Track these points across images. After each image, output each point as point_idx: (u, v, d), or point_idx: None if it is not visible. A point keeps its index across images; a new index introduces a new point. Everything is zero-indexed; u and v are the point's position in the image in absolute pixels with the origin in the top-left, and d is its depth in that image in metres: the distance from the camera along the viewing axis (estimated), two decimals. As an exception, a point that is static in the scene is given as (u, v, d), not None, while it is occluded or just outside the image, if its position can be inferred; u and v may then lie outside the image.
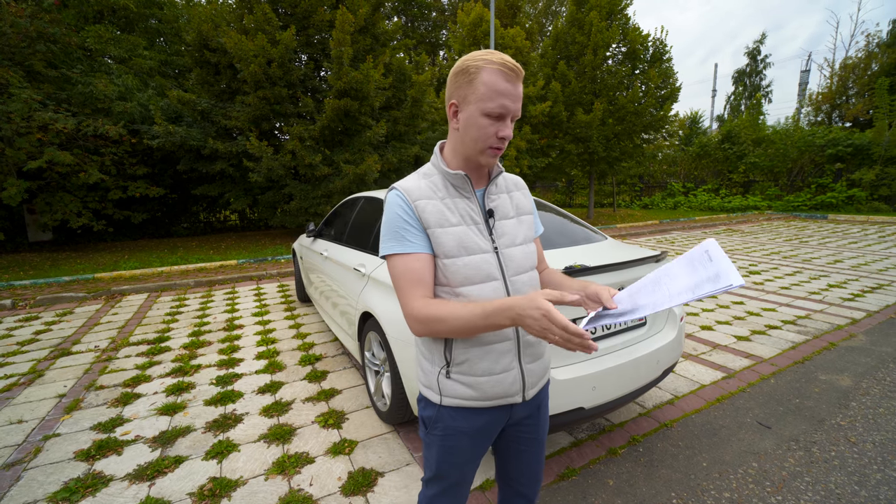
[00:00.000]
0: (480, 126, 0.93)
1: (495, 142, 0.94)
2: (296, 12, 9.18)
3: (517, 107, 0.93)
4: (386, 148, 9.85)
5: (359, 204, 3.33)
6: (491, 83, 0.89)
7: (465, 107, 0.95)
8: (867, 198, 14.55)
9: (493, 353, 1.00)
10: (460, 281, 0.97)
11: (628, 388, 1.96)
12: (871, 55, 21.85)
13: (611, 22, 12.31)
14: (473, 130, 0.94)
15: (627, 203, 19.82)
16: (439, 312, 0.90)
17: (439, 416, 1.04)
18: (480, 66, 0.90)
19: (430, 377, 1.05)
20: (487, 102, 0.90)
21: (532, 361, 1.06)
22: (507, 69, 0.89)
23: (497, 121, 0.92)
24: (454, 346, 1.00)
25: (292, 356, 3.51)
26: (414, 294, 0.94)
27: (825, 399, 2.68)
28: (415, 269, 0.95)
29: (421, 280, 0.95)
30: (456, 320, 0.88)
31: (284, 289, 5.91)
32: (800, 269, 6.34)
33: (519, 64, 0.94)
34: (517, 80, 0.91)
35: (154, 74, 11.30)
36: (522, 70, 0.93)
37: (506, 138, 0.93)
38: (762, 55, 33.69)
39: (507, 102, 0.90)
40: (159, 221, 12.06)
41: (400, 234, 0.96)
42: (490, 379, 1.00)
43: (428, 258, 0.96)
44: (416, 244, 0.96)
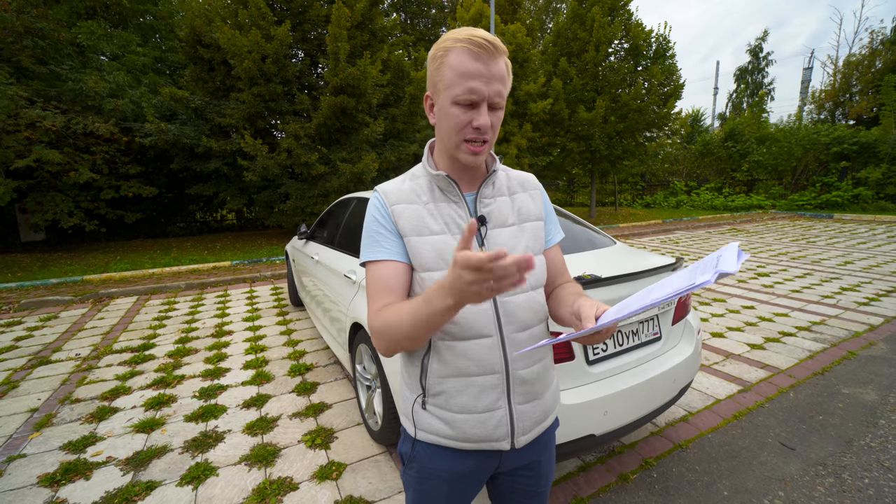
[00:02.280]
0: (451, 117, 0.78)
1: (470, 133, 0.77)
2: (291, 7, 8.98)
3: (494, 89, 0.75)
4: (384, 146, 9.65)
5: (351, 205, 3.15)
6: (456, 65, 0.75)
7: (436, 97, 0.81)
8: (873, 197, 14.34)
9: (473, 388, 0.83)
10: None
11: (643, 411, 1.78)
12: (876, 52, 21.60)
13: (613, 18, 12.09)
14: (445, 123, 0.80)
15: (629, 202, 19.62)
16: (387, 318, 0.75)
17: (415, 454, 0.91)
18: (447, 47, 0.76)
19: (407, 405, 0.92)
20: (454, 88, 0.76)
21: (526, 401, 0.88)
22: (473, 45, 0.73)
23: (469, 109, 0.76)
24: (429, 374, 0.85)
25: (282, 366, 3.33)
26: (376, 303, 0.81)
27: (851, 416, 2.50)
28: (382, 277, 0.83)
29: (388, 289, 0.82)
30: (401, 321, 0.71)
31: (278, 292, 5.73)
32: (809, 271, 6.15)
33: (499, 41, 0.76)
34: (489, 56, 0.74)
35: (147, 71, 11.08)
36: (500, 45, 0.75)
37: (482, 128, 0.76)
38: (764, 52, 33.42)
39: (475, 85, 0.74)
40: (155, 221, 11.86)
41: (374, 240, 0.86)
42: (469, 418, 0.84)
43: (400, 267, 0.83)
44: (388, 250, 0.84)
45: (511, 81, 0.81)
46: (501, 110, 0.79)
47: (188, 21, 8.91)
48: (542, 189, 1.00)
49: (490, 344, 0.83)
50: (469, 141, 0.78)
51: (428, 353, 0.85)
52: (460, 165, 0.86)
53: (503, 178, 0.94)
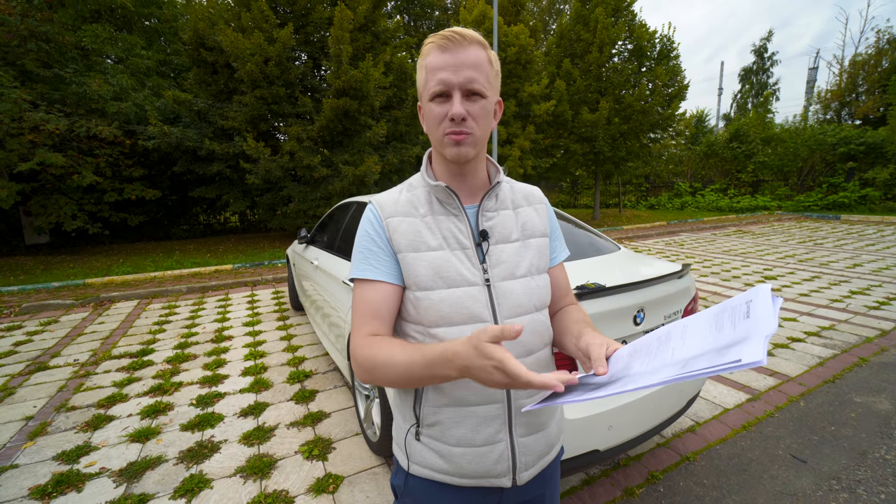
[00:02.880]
0: (429, 113, 0.76)
1: (448, 125, 0.73)
2: (294, 10, 8.98)
3: (463, 76, 0.71)
4: (387, 148, 9.62)
5: (350, 210, 3.10)
6: (428, 63, 0.74)
7: (422, 102, 0.78)
8: (881, 197, 14.17)
9: (471, 419, 0.77)
10: (435, 320, 0.76)
11: (649, 425, 1.71)
12: (882, 52, 21.36)
13: (616, 19, 12.02)
14: (428, 123, 0.78)
15: (633, 203, 19.50)
16: (375, 356, 0.71)
17: (408, 489, 0.84)
18: (424, 52, 0.76)
19: (400, 434, 0.86)
20: (429, 85, 0.74)
21: (529, 433, 0.81)
22: (441, 39, 0.72)
23: (444, 101, 0.73)
24: (424, 402, 0.79)
25: (280, 372, 3.28)
26: (361, 329, 0.76)
27: (864, 426, 2.42)
28: (370, 299, 0.78)
29: (374, 314, 0.77)
30: (392, 368, 0.68)
31: (279, 295, 5.69)
32: (818, 274, 6.05)
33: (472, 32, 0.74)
34: (456, 45, 0.71)
35: (152, 74, 11.13)
36: (470, 34, 0.73)
37: (456, 117, 0.72)
38: (769, 53, 33.21)
39: (444, 75, 0.71)
40: (158, 223, 11.89)
41: (364, 256, 0.80)
42: (467, 452, 0.78)
43: (390, 290, 0.78)
44: (379, 270, 0.78)
45: (496, 72, 0.77)
46: (483, 99, 0.74)
47: (192, 24, 8.93)
48: (548, 203, 0.95)
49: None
50: (448, 133, 0.74)
51: None
52: (458, 174, 0.81)
53: (507, 190, 0.88)
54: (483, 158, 0.84)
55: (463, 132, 0.73)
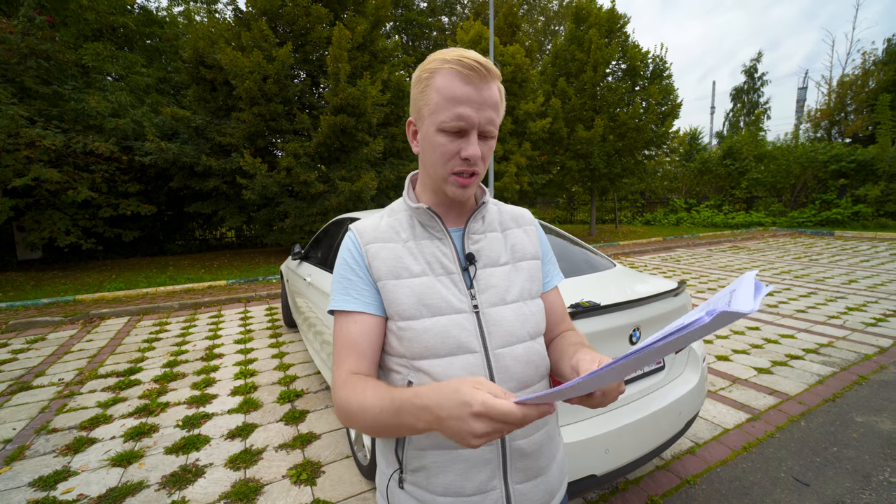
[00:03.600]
0: (436, 146, 0.69)
1: (458, 164, 0.69)
2: (293, 29, 9.15)
3: (485, 116, 0.67)
4: (383, 165, 9.69)
5: (344, 226, 3.08)
6: (444, 88, 0.67)
7: (420, 123, 0.73)
8: (873, 214, 14.31)
9: (460, 463, 0.70)
10: (419, 351, 0.70)
11: (647, 448, 1.66)
12: (869, 72, 21.93)
13: (610, 39, 12.31)
14: (430, 153, 0.72)
15: (629, 219, 19.63)
16: (348, 399, 0.65)
17: None
18: (434, 68, 0.68)
19: (383, 481, 0.78)
20: (441, 114, 0.67)
21: (526, 480, 0.73)
22: (463, 67, 0.65)
23: (457, 137, 0.68)
24: (407, 444, 0.72)
25: (271, 392, 3.20)
26: (341, 366, 0.70)
27: (867, 447, 2.37)
28: (350, 333, 0.72)
29: (355, 351, 0.71)
30: (364, 414, 0.62)
31: (272, 312, 5.62)
32: (814, 290, 6.04)
33: (491, 64, 0.68)
34: (481, 80, 0.66)
35: (151, 91, 11.25)
36: (493, 68, 0.68)
37: (472, 159, 0.68)
38: (759, 73, 34.02)
39: (465, 111, 0.66)
40: (153, 239, 11.84)
41: (343, 287, 0.75)
42: (456, 502, 0.70)
43: (371, 322, 0.72)
44: (359, 301, 0.73)
45: (504, 108, 0.74)
46: (493, 140, 0.71)
47: (192, 43, 9.07)
48: (538, 225, 0.90)
49: None
50: (457, 174, 0.70)
51: None
52: (446, 199, 0.77)
53: (494, 212, 0.84)
54: None
55: (474, 173, 0.70)
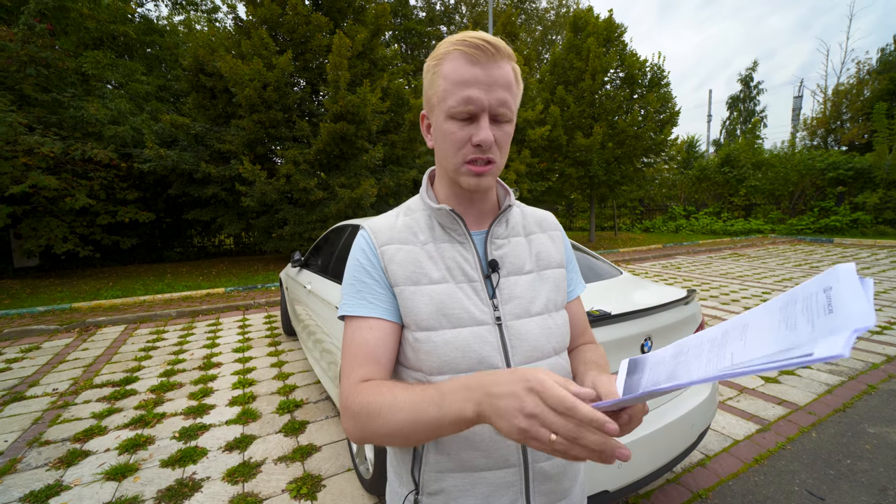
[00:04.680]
0: (447, 134, 0.65)
1: (471, 152, 0.64)
2: (294, 37, 9.19)
3: (496, 97, 0.62)
4: (383, 172, 9.68)
5: (345, 233, 3.04)
6: (450, 73, 0.63)
7: (431, 115, 0.68)
8: (872, 221, 14.36)
9: (482, 486, 0.65)
10: (437, 366, 0.65)
11: (660, 462, 1.61)
12: (863, 82, 22.20)
13: (608, 48, 12.42)
14: (441, 143, 0.67)
15: (629, 226, 19.65)
16: (374, 400, 0.57)
17: None
18: (441, 54, 0.65)
19: (395, 500, 0.73)
20: (448, 99, 0.63)
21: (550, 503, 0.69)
22: (468, 47, 0.61)
23: (467, 123, 0.63)
24: (424, 465, 0.67)
25: (270, 402, 3.14)
26: (353, 374, 0.64)
27: (880, 459, 2.31)
28: (365, 340, 0.66)
29: (370, 358, 0.65)
30: (395, 412, 0.55)
31: (271, 320, 5.55)
32: (817, 298, 6.01)
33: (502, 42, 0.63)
34: (488, 59, 0.61)
35: (151, 99, 11.27)
36: (503, 46, 0.63)
37: (484, 144, 0.62)
38: (755, 82, 34.38)
39: (472, 93, 0.61)
40: (151, 246, 11.77)
41: (356, 290, 0.69)
42: None
43: (388, 328, 0.67)
44: (375, 306, 0.67)
45: (521, 91, 0.68)
46: (509, 124, 0.65)
47: (192, 51, 9.10)
48: (562, 229, 0.85)
49: None
50: (470, 162, 0.65)
51: None
52: (465, 197, 0.72)
53: (518, 215, 0.79)
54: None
55: (489, 161, 0.64)
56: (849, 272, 0.37)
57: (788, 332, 0.39)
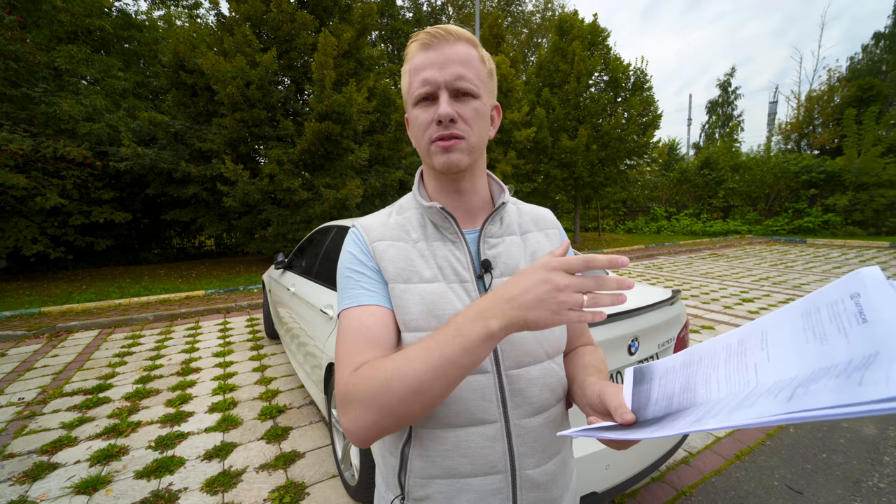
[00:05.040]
0: (414, 120, 0.66)
1: (435, 131, 0.63)
2: (278, 35, 9.04)
3: (450, 72, 0.62)
4: (369, 172, 9.60)
5: (331, 234, 2.99)
6: (410, 65, 0.66)
7: (407, 113, 0.70)
8: (842, 222, 14.90)
9: (467, 493, 0.63)
10: None
11: (647, 461, 1.62)
12: (834, 88, 23.10)
13: (593, 52, 12.59)
14: (413, 130, 0.68)
15: (612, 227, 19.96)
16: (383, 368, 0.53)
17: None
18: (407, 55, 0.68)
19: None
20: (411, 88, 0.65)
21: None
22: (425, 36, 0.64)
23: (430, 105, 0.64)
24: (410, 471, 0.65)
25: (252, 407, 3.06)
26: (352, 361, 0.59)
27: (854, 452, 2.38)
28: (366, 326, 0.62)
29: (372, 342, 0.60)
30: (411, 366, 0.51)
31: (253, 323, 5.43)
32: (792, 297, 6.19)
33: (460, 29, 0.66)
34: (441, 41, 0.63)
35: (128, 96, 10.93)
36: (458, 31, 0.65)
37: (443, 117, 0.62)
38: (733, 87, 35.36)
39: (428, 74, 0.63)
40: (128, 247, 11.42)
41: (354, 281, 0.67)
42: None
43: (388, 316, 0.65)
44: (373, 293, 0.66)
45: (489, 71, 0.68)
46: (475, 99, 0.63)
47: (172, 47, 8.86)
48: (561, 228, 0.82)
49: (492, 433, 0.63)
50: (436, 140, 0.64)
51: (409, 441, 0.66)
52: (453, 190, 0.70)
53: (513, 213, 0.77)
54: (482, 173, 0.74)
55: (454, 135, 0.63)
56: (875, 277, 0.34)
57: (819, 343, 0.37)
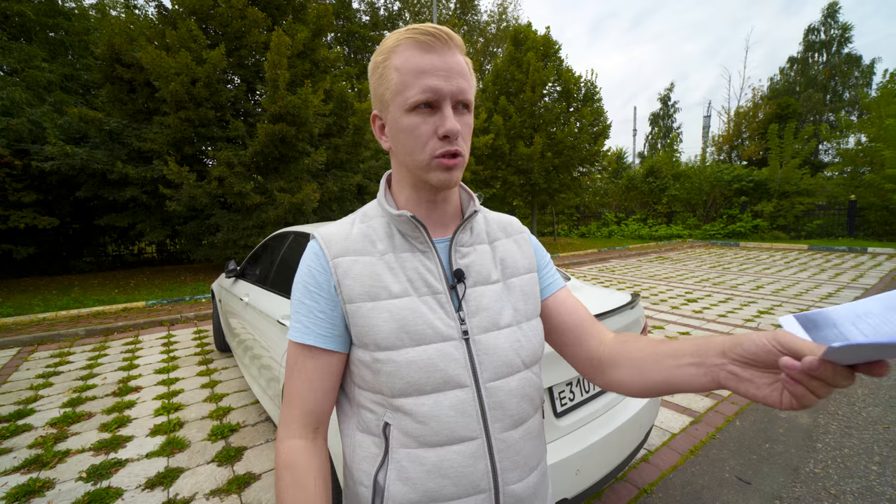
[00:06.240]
0: (409, 129, 0.60)
1: (438, 146, 0.59)
2: (227, 32, 8.60)
3: (456, 85, 0.58)
4: (326, 176, 9.32)
5: (287, 240, 2.85)
6: (405, 63, 0.59)
7: (386, 113, 0.63)
8: (769, 227, 16.40)
9: None
10: (401, 388, 0.60)
11: (615, 463, 1.65)
12: (758, 105, 25.61)
13: (546, 62, 13.08)
14: (404, 140, 0.61)
15: (566, 232, 20.73)
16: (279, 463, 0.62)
17: None
18: (389, 48, 0.61)
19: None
20: (406, 91, 0.58)
21: None
22: (421, 35, 0.58)
23: (430, 114, 0.59)
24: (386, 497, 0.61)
25: (200, 427, 2.83)
26: (292, 406, 0.64)
27: (792, 441, 2.58)
28: (305, 369, 0.63)
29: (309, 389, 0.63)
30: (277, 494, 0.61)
31: (202, 335, 5.07)
32: (730, 296, 6.70)
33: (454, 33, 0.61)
34: (444, 46, 0.59)
35: (54, 89, 9.93)
36: (455, 36, 0.60)
37: (451, 134, 0.58)
38: (672, 101, 38.07)
39: (432, 82, 0.57)
40: (55, 255, 10.33)
41: (305, 308, 0.64)
42: None
43: (329, 359, 0.63)
44: (320, 334, 0.63)
45: (475, 84, 0.65)
46: (469, 116, 0.62)
47: (106, 38, 8.15)
48: (529, 232, 0.80)
49: (473, 450, 0.61)
50: (441, 156, 0.59)
51: (384, 465, 0.61)
52: (429, 200, 0.66)
53: (481, 221, 0.74)
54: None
55: (457, 153, 0.60)
56: None
57: None
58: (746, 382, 0.47)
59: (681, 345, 0.56)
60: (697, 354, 0.52)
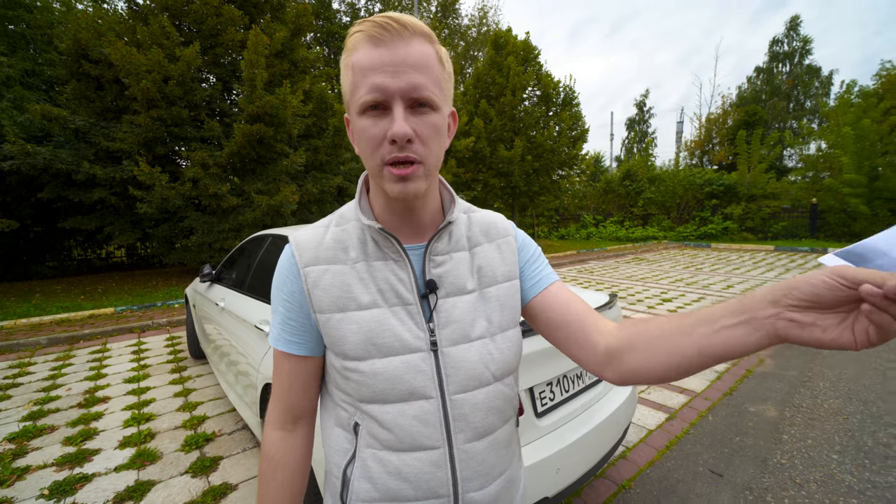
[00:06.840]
0: (360, 132, 0.56)
1: (388, 151, 0.54)
2: (202, 29, 8.38)
3: (407, 80, 0.53)
4: (305, 178, 9.18)
5: (265, 244, 2.79)
6: (357, 61, 0.55)
7: (349, 115, 0.60)
8: (738, 229, 17.05)
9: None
10: (367, 396, 0.62)
11: (594, 460, 1.68)
12: (727, 112, 26.67)
13: (526, 67, 13.27)
14: (359, 143, 0.58)
15: (546, 234, 21.03)
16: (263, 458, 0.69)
17: None
18: (349, 44, 0.56)
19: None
20: (357, 92, 0.55)
21: None
22: (373, 28, 0.53)
23: (381, 116, 0.54)
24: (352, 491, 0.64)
25: (173, 438, 2.73)
26: (275, 403, 0.70)
27: (761, 434, 2.69)
28: (283, 371, 0.68)
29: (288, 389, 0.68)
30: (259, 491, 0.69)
31: (175, 342, 4.90)
32: (703, 296, 6.93)
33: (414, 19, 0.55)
34: (394, 36, 0.53)
35: (14, 84, 9.45)
36: (413, 23, 0.54)
37: (398, 138, 0.53)
38: (647, 107, 39.20)
39: (378, 79, 0.52)
40: (14, 260, 9.81)
41: (281, 315, 0.67)
42: None
43: (303, 364, 0.67)
44: (294, 341, 0.66)
45: (448, 74, 0.59)
46: (433, 112, 0.55)
47: (72, 33, 7.82)
48: (516, 232, 0.74)
49: (435, 459, 0.61)
50: (391, 164, 0.55)
51: (352, 461, 0.64)
52: (404, 209, 0.63)
53: (463, 224, 0.70)
54: (435, 186, 0.67)
55: (411, 161, 0.54)
56: None
57: None
58: (810, 327, 0.41)
59: (712, 310, 0.50)
60: (741, 312, 0.46)
